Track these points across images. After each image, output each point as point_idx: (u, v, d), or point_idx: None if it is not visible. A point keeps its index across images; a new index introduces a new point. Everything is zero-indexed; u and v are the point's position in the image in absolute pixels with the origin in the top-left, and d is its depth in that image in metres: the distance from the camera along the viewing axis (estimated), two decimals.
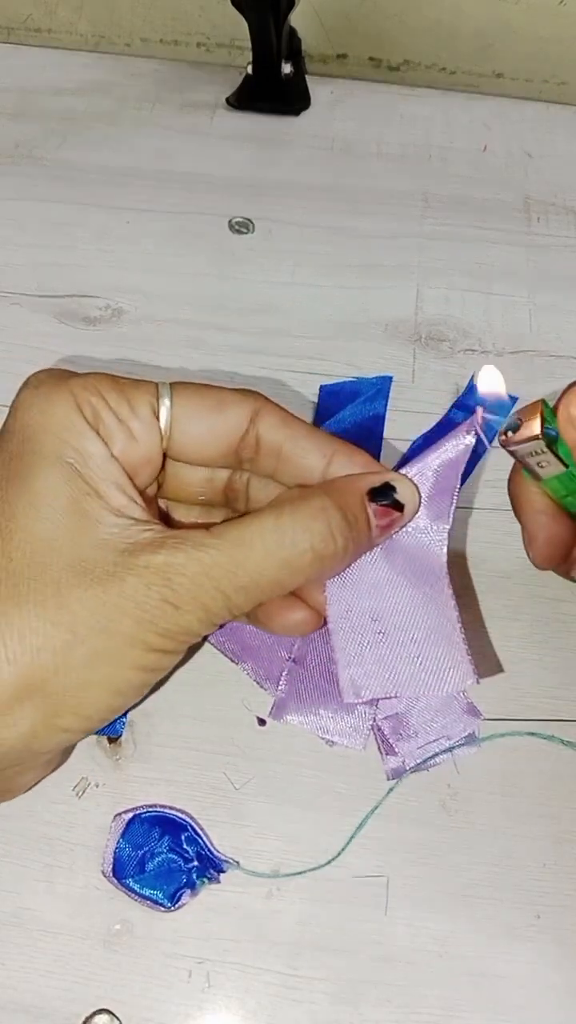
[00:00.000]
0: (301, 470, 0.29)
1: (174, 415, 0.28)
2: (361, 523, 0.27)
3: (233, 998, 0.29)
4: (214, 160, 0.51)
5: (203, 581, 0.25)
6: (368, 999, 0.29)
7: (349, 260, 0.47)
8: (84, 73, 0.55)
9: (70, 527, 0.25)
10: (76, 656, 0.24)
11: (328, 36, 0.55)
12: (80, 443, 0.26)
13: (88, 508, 0.26)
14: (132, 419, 0.28)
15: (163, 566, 0.25)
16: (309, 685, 0.34)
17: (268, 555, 0.26)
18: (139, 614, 0.25)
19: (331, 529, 0.26)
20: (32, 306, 0.45)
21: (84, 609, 0.24)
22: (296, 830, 0.32)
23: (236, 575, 0.25)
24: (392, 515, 0.28)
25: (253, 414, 0.29)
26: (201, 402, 0.28)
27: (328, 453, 0.29)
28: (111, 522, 0.26)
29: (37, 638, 0.24)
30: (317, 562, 0.26)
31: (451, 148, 0.52)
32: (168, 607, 0.25)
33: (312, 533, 0.26)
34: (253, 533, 0.26)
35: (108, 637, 0.25)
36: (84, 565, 0.25)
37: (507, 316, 0.45)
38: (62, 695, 0.25)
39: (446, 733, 0.33)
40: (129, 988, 0.29)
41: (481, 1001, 0.29)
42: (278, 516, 0.26)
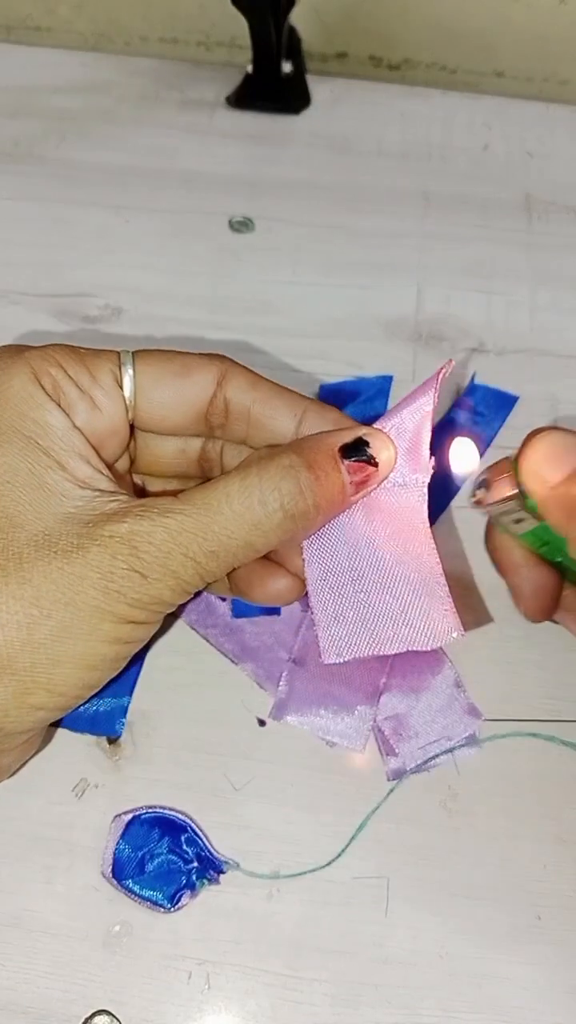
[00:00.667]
0: (273, 432, 0.28)
1: (138, 383, 0.27)
2: (333, 479, 0.26)
3: (233, 999, 0.29)
4: (214, 159, 0.51)
5: (171, 548, 0.24)
6: (368, 1000, 0.29)
7: (349, 259, 0.47)
8: (84, 72, 0.55)
9: (33, 501, 0.25)
10: (42, 631, 0.24)
11: (328, 35, 0.55)
12: (39, 415, 0.26)
13: (50, 481, 0.25)
14: (94, 388, 0.27)
15: (128, 534, 0.24)
16: (309, 686, 0.34)
17: (236, 517, 0.25)
18: (106, 585, 0.24)
19: (300, 486, 0.25)
20: (31, 305, 0.45)
21: (48, 582, 0.24)
22: (296, 831, 0.31)
23: (205, 539, 0.25)
24: (367, 470, 0.27)
25: (220, 377, 0.28)
26: (165, 368, 0.28)
27: (298, 412, 0.28)
28: (76, 495, 0.25)
29: (1, 614, 0.24)
30: (288, 521, 0.26)
31: (451, 147, 0.52)
32: (136, 576, 0.24)
33: (281, 492, 0.25)
34: (220, 496, 0.25)
35: (75, 610, 0.24)
36: (48, 538, 0.24)
37: (508, 315, 0.45)
38: (31, 672, 0.24)
39: (447, 734, 0.33)
40: (129, 989, 0.29)
41: (481, 1002, 0.29)
42: (244, 477, 0.25)
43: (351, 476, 0.27)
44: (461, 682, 0.34)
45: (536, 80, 0.56)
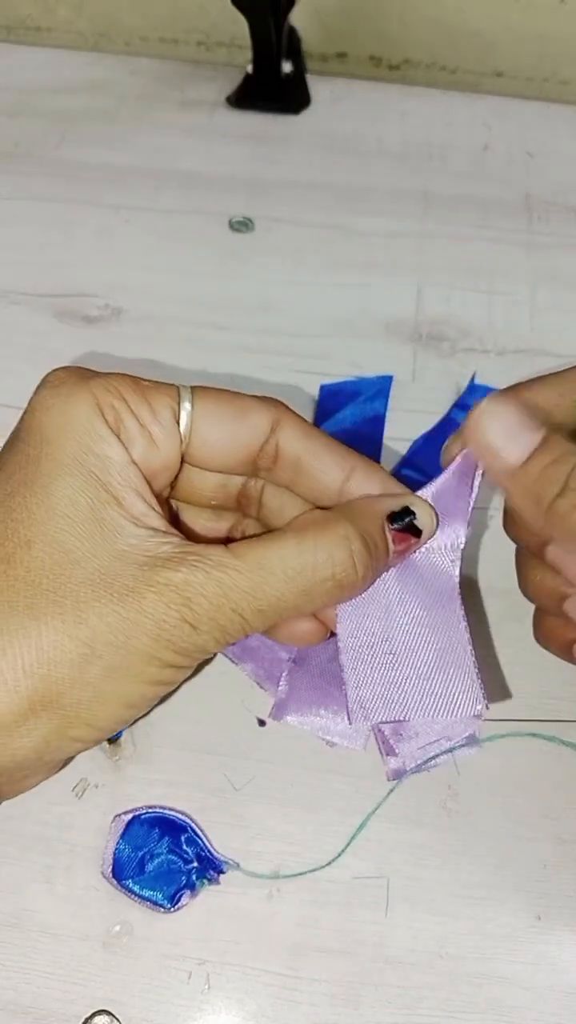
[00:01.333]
0: (319, 484, 0.29)
1: (195, 421, 0.28)
2: (380, 549, 0.27)
3: (233, 999, 0.29)
4: (214, 159, 0.51)
5: (222, 603, 0.25)
6: (368, 1000, 0.29)
7: (349, 259, 0.47)
8: (84, 72, 0.55)
9: (90, 537, 0.25)
10: (92, 671, 0.24)
11: (328, 35, 0.55)
12: (101, 448, 0.26)
13: (108, 517, 0.25)
14: (153, 424, 0.27)
15: (183, 585, 0.25)
16: (309, 686, 0.34)
17: (288, 581, 0.25)
18: (157, 632, 0.25)
19: (352, 558, 0.26)
20: (31, 305, 0.45)
21: (103, 624, 0.24)
22: (296, 831, 0.31)
23: (255, 598, 0.25)
24: (409, 539, 0.28)
25: (274, 423, 0.28)
26: (222, 409, 0.28)
27: (347, 468, 0.28)
28: (131, 532, 0.26)
29: (54, 651, 0.24)
30: (337, 590, 0.26)
31: (451, 147, 0.52)
32: (186, 626, 0.25)
33: (334, 562, 0.26)
34: (274, 557, 0.25)
35: (125, 653, 0.25)
36: (104, 578, 0.25)
37: (508, 315, 0.45)
38: (76, 707, 0.25)
39: (447, 734, 0.33)
40: (129, 989, 0.29)
41: (481, 1002, 0.29)
42: (300, 541, 0.26)
43: (395, 545, 0.28)
44: None
45: (536, 80, 0.56)
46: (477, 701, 0.28)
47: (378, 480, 0.29)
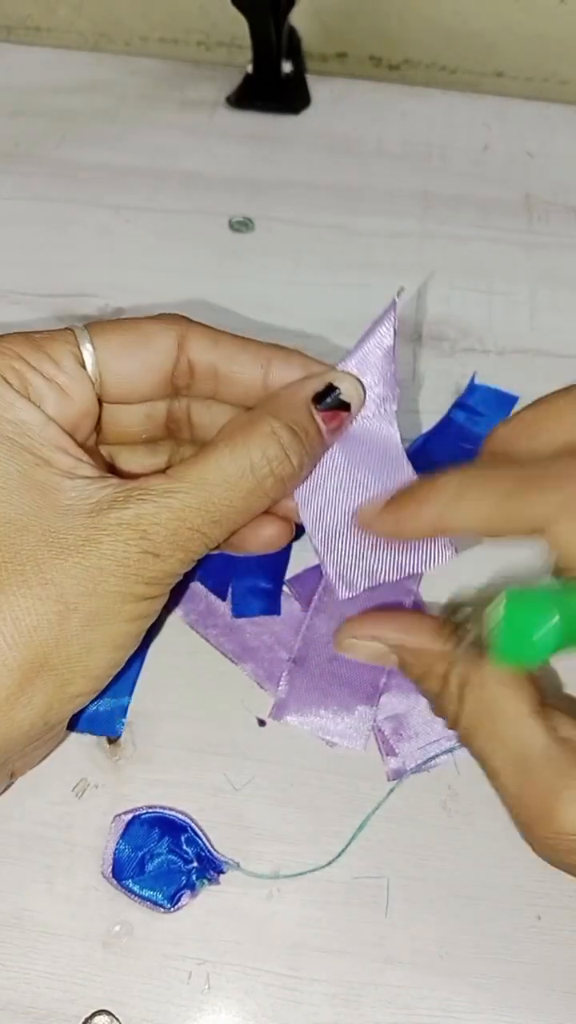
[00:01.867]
0: (240, 385, 0.29)
1: (99, 358, 0.28)
2: (312, 433, 0.27)
3: (233, 999, 0.29)
4: (214, 159, 0.51)
5: (177, 526, 0.25)
6: (368, 1000, 0.29)
7: (349, 259, 0.47)
8: (84, 72, 0.55)
9: (30, 502, 0.25)
10: (72, 625, 0.25)
11: (328, 35, 0.55)
12: (13, 414, 0.26)
13: (41, 479, 0.26)
14: (59, 374, 0.27)
15: (135, 519, 0.25)
16: (309, 686, 0.34)
17: (232, 487, 0.26)
18: (123, 570, 0.25)
19: (284, 450, 0.26)
20: (31, 305, 0.45)
21: (68, 578, 0.25)
22: (296, 831, 0.31)
23: (207, 512, 0.26)
24: (340, 415, 0.28)
25: (180, 339, 0.28)
26: (124, 339, 0.28)
27: (264, 362, 0.29)
28: (68, 487, 0.26)
29: (30, 617, 0.24)
30: (279, 483, 0.27)
31: (451, 147, 0.52)
32: (149, 557, 0.25)
33: (268, 458, 0.26)
34: (213, 469, 0.26)
35: (98, 598, 0.25)
36: (55, 535, 0.25)
37: (508, 315, 0.45)
38: (67, 664, 0.25)
39: (447, 734, 0.33)
40: (129, 989, 0.29)
41: (482, 1002, 0.29)
42: (232, 448, 0.26)
43: (326, 424, 0.28)
44: None
45: (536, 80, 0.56)
46: (446, 547, 0.29)
47: (298, 364, 0.29)
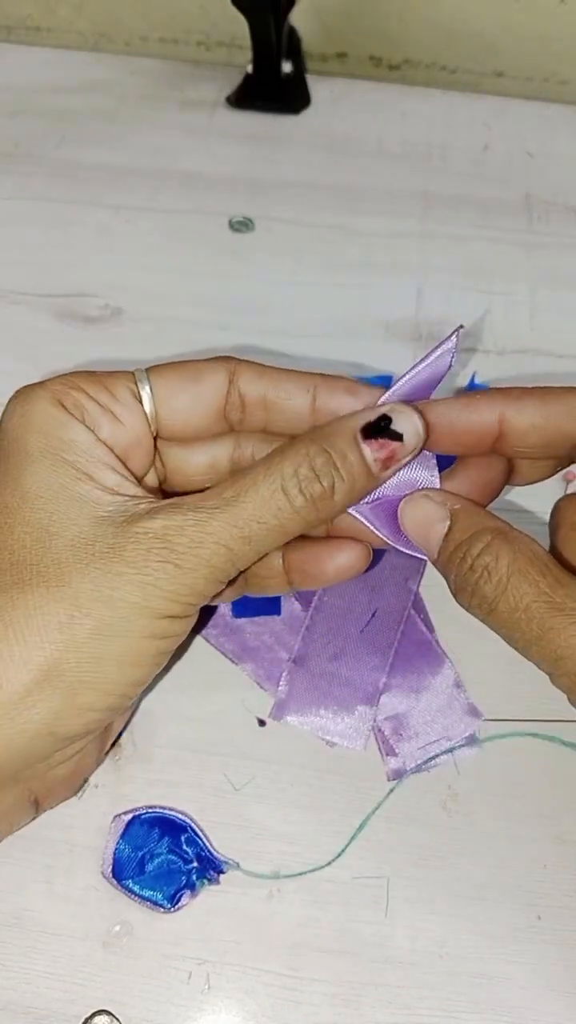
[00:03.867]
0: (289, 412, 0.29)
1: (155, 393, 0.29)
2: (351, 460, 0.27)
3: (233, 999, 0.29)
4: (214, 159, 0.51)
5: (202, 538, 0.25)
6: (368, 1000, 0.29)
7: (349, 259, 0.47)
8: (84, 72, 0.55)
9: (66, 512, 0.26)
10: (83, 630, 0.25)
11: (328, 35, 0.55)
12: (63, 432, 0.27)
13: (81, 491, 0.26)
14: (114, 404, 0.28)
15: (161, 530, 0.25)
16: (309, 686, 0.34)
17: (264, 503, 0.26)
18: (141, 579, 0.25)
19: (315, 470, 0.26)
20: (32, 305, 0.45)
21: (85, 581, 0.25)
22: (296, 831, 0.31)
23: (236, 526, 0.26)
24: (391, 446, 0.28)
25: (230, 375, 0.29)
26: (178, 375, 0.29)
27: (310, 387, 0.29)
28: (107, 501, 0.26)
29: (42, 616, 0.25)
30: (309, 505, 0.26)
31: (451, 147, 0.52)
32: (169, 567, 0.25)
33: (299, 477, 0.26)
34: (247, 484, 0.26)
35: (112, 606, 0.25)
36: (84, 541, 0.25)
37: (508, 315, 0.45)
38: (76, 671, 0.25)
39: (447, 734, 0.33)
40: (129, 989, 0.29)
41: (482, 1002, 0.29)
42: (268, 465, 0.26)
43: (375, 453, 0.27)
44: (461, 682, 0.34)
45: (536, 80, 0.56)
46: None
47: (342, 388, 0.29)
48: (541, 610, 0.25)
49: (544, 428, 0.28)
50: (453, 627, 0.35)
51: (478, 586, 0.26)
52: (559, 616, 0.25)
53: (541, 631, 0.25)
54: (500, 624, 0.26)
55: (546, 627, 0.25)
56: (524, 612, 0.25)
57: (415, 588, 0.36)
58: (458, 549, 0.27)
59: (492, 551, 0.26)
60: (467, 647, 0.35)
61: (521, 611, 0.25)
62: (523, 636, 0.25)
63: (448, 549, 0.27)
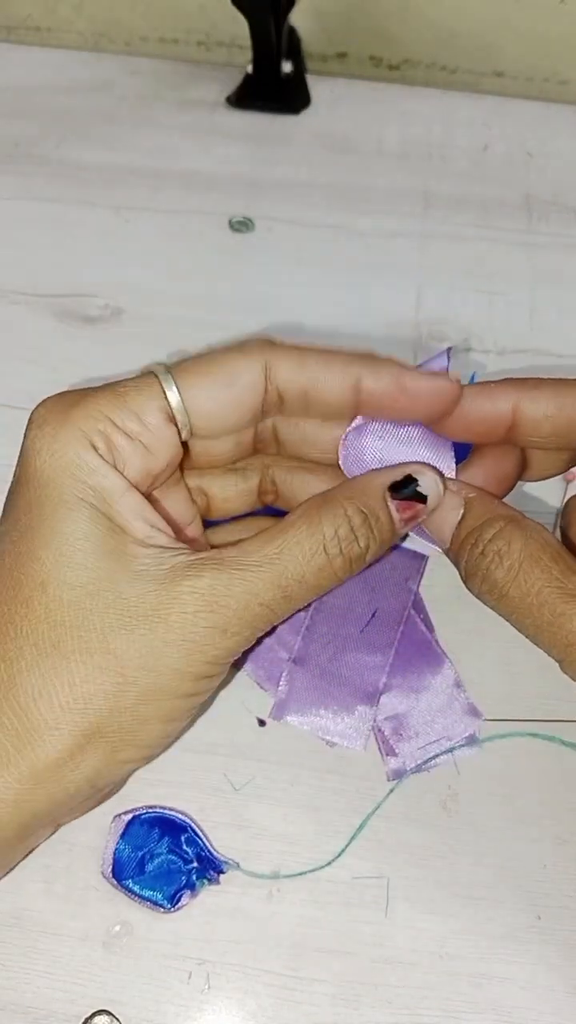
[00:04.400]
0: (331, 404, 0.29)
1: (187, 404, 0.27)
2: (383, 520, 0.28)
3: (233, 999, 0.29)
4: (214, 159, 0.51)
5: (249, 600, 0.25)
6: (368, 1000, 0.29)
7: (349, 259, 0.47)
8: (84, 72, 0.55)
9: (103, 568, 0.25)
10: (127, 698, 0.25)
11: (328, 35, 0.55)
12: (96, 481, 0.26)
13: (116, 545, 0.26)
14: (144, 432, 0.27)
15: (208, 590, 0.25)
16: (309, 686, 0.34)
17: (306, 563, 0.26)
18: (187, 647, 0.25)
19: (354, 533, 0.27)
20: (31, 305, 0.45)
21: (130, 650, 0.25)
22: (296, 831, 0.31)
23: (280, 587, 0.26)
24: (415, 507, 0.28)
25: (266, 371, 0.28)
26: (211, 380, 0.27)
27: (353, 379, 0.28)
28: (142, 555, 0.26)
29: (87, 686, 0.24)
30: (347, 564, 0.27)
31: (451, 147, 0.52)
32: (216, 632, 0.25)
33: (339, 538, 0.26)
34: (291, 543, 0.26)
35: (157, 675, 0.25)
36: (125, 604, 0.25)
37: (508, 315, 0.45)
38: (119, 733, 0.25)
39: (447, 734, 0.33)
40: (129, 989, 0.29)
41: (482, 1003, 0.29)
42: (309, 524, 0.26)
43: (400, 514, 0.28)
44: (461, 682, 0.34)
45: (536, 80, 0.56)
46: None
47: (389, 375, 0.28)
48: (553, 596, 0.25)
49: (557, 418, 0.29)
50: (453, 627, 0.35)
51: (489, 571, 0.26)
52: (571, 603, 0.25)
53: (552, 617, 0.25)
54: (511, 610, 0.26)
55: (557, 613, 0.25)
56: (535, 597, 0.25)
57: (415, 588, 0.36)
58: (471, 535, 0.27)
59: (504, 537, 0.26)
60: (467, 647, 0.35)
61: (532, 596, 0.25)
62: (534, 622, 0.26)
63: (460, 535, 0.27)
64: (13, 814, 0.24)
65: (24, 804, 0.24)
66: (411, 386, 0.28)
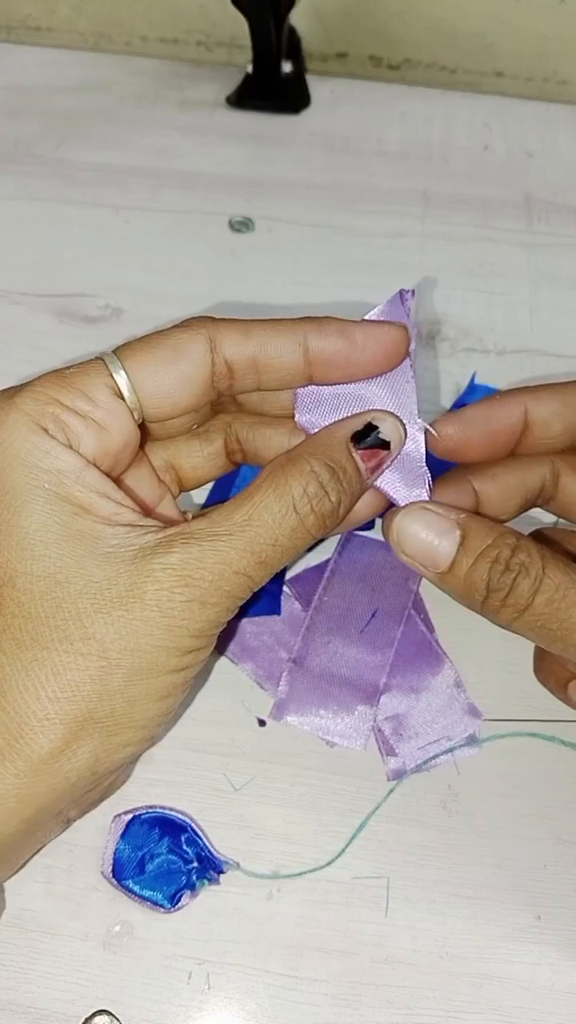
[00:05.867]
0: (283, 370, 0.28)
1: (134, 383, 0.27)
2: (350, 471, 0.27)
3: (233, 999, 0.29)
4: (214, 158, 0.51)
5: (223, 570, 0.25)
6: (368, 1000, 0.29)
7: (349, 259, 0.47)
8: (84, 71, 0.55)
9: (70, 554, 0.25)
10: (115, 680, 0.24)
11: (328, 35, 0.55)
12: (50, 463, 0.25)
13: (81, 528, 0.25)
14: (94, 410, 0.26)
15: (180, 564, 0.25)
16: (309, 686, 0.34)
17: (277, 525, 0.26)
18: (167, 623, 0.25)
19: (323, 487, 0.26)
20: (31, 305, 0.45)
21: (110, 632, 0.24)
22: (296, 831, 0.31)
23: (254, 553, 0.25)
24: (379, 454, 0.28)
25: (211, 344, 0.28)
26: (155, 356, 0.27)
27: (300, 339, 0.28)
28: (109, 534, 0.25)
29: (72, 673, 0.24)
30: (319, 521, 0.27)
31: (451, 147, 0.52)
32: (195, 605, 0.25)
33: (309, 496, 0.26)
34: (260, 509, 0.26)
35: (141, 654, 0.25)
36: (97, 588, 0.25)
37: (508, 315, 0.45)
38: (112, 716, 0.25)
39: (447, 734, 0.33)
40: (129, 989, 0.29)
41: (482, 1002, 0.29)
42: (276, 487, 0.26)
43: (365, 463, 0.28)
44: (461, 682, 0.34)
45: (536, 80, 0.56)
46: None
47: (334, 331, 0.28)
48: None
49: (564, 415, 0.29)
50: (453, 627, 0.35)
51: (516, 584, 0.26)
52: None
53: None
54: (535, 620, 0.26)
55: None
56: (563, 601, 0.26)
57: (415, 588, 0.36)
58: (485, 555, 0.27)
59: (524, 549, 0.26)
60: (467, 647, 0.35)
61: (559, 600, 0.26)
62: (561, 624, 0.26)
63: (470, 557, 0.27)
64: (16, 809, 0.24)
65: (26, 798, 0.24)
66: (359, 338, 0.28)
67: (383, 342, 0.28)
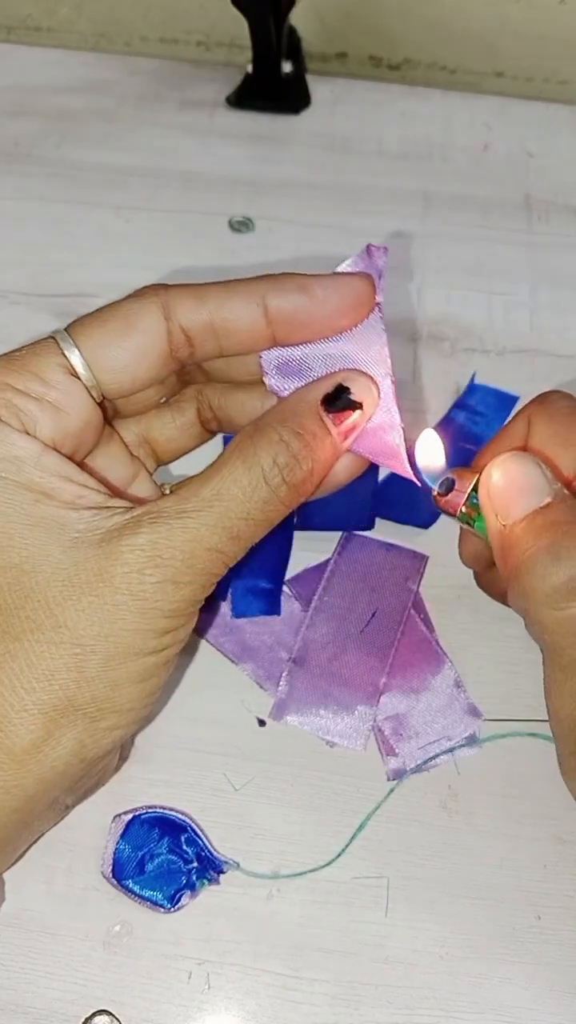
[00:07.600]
0: (243, 332, 0.27)
1: (88, 359, 0.26)
2: (321, 438, 0.26)
3: (233, 999, 0.29)
4: (214, 159, 0.51)
5: (194, 547, 0.24)
6: (368, 1000, 0.29)
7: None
8: (84, 72, 0.55)
9: (34, 543, 0.24)
10: (91, 666, 0.24)
11: (328, 35, 0.55)
12: (5, 451, 0.25)
13: (44, 514, 0.24)
14: (48, 391, 0.26)
15: (148, 544, 0.24)
16: (309, 686, 0.34)
17: (248, 498, 0.25)
18: (141, 605, 0.24)
19: (295, 456, 0.25)
20: (31, 305, 0.45)
21: (81, 619, 0.24)
22: (296, 831, 0.31)
23: (225, 528, 0.24)
24: (351, 416, 0.27)
25: (164, 311, 0.27)
26: (107, 329, 0.26)
27: (258, 299, 0.27)
28: (73, 519, 0.25)
29: (46, 662, 0.24)
30: (293, 490, 0.26)
31: (452, 147, 0.52)
32: (168, 585, 0.24)
33: (280, 466, 0.25)
34: (228, 483, 0.25)
35: (116, 638, 0.24)
36: (65, 574, 0.24)
37: (508, 315, 0.45)
38: (93, 703, 0.24)
39: (447, 734, 0.33)
40: (129, 989, 0.29)
41: (481, 1002, 0.29)
42: (244, 458, 0.25)
43: (337, 427, 0.27)
44: (461, 682, 0.34)
45: (536, 80, 0.56)
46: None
47: (293, 288, 0.27)
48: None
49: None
50: (453, 627, 0.35)
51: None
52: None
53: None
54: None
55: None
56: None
57: (415, 588, 0.36)
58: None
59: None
60: (467, 647, 0.35)
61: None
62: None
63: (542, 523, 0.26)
64: (5, 800, 0.24)
65: (14, 789, 0.24)
66: (320, 293, 0.27)
67: (345, 295, 0.27)
